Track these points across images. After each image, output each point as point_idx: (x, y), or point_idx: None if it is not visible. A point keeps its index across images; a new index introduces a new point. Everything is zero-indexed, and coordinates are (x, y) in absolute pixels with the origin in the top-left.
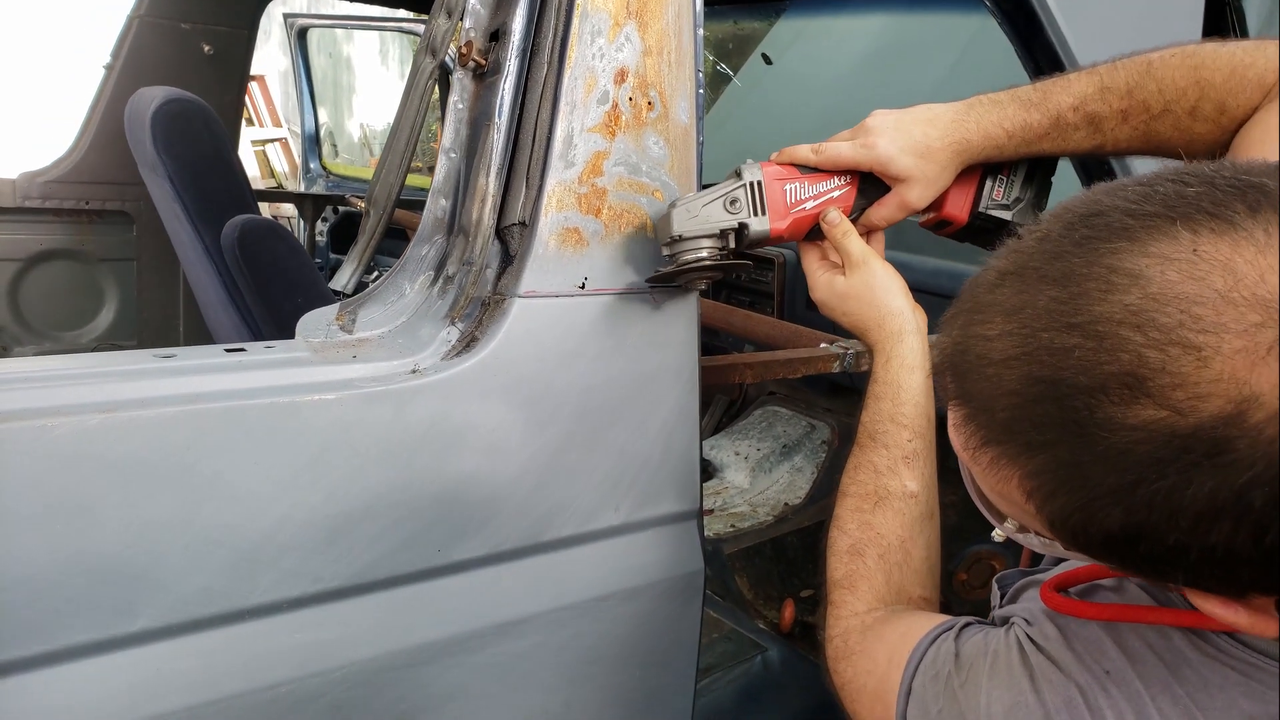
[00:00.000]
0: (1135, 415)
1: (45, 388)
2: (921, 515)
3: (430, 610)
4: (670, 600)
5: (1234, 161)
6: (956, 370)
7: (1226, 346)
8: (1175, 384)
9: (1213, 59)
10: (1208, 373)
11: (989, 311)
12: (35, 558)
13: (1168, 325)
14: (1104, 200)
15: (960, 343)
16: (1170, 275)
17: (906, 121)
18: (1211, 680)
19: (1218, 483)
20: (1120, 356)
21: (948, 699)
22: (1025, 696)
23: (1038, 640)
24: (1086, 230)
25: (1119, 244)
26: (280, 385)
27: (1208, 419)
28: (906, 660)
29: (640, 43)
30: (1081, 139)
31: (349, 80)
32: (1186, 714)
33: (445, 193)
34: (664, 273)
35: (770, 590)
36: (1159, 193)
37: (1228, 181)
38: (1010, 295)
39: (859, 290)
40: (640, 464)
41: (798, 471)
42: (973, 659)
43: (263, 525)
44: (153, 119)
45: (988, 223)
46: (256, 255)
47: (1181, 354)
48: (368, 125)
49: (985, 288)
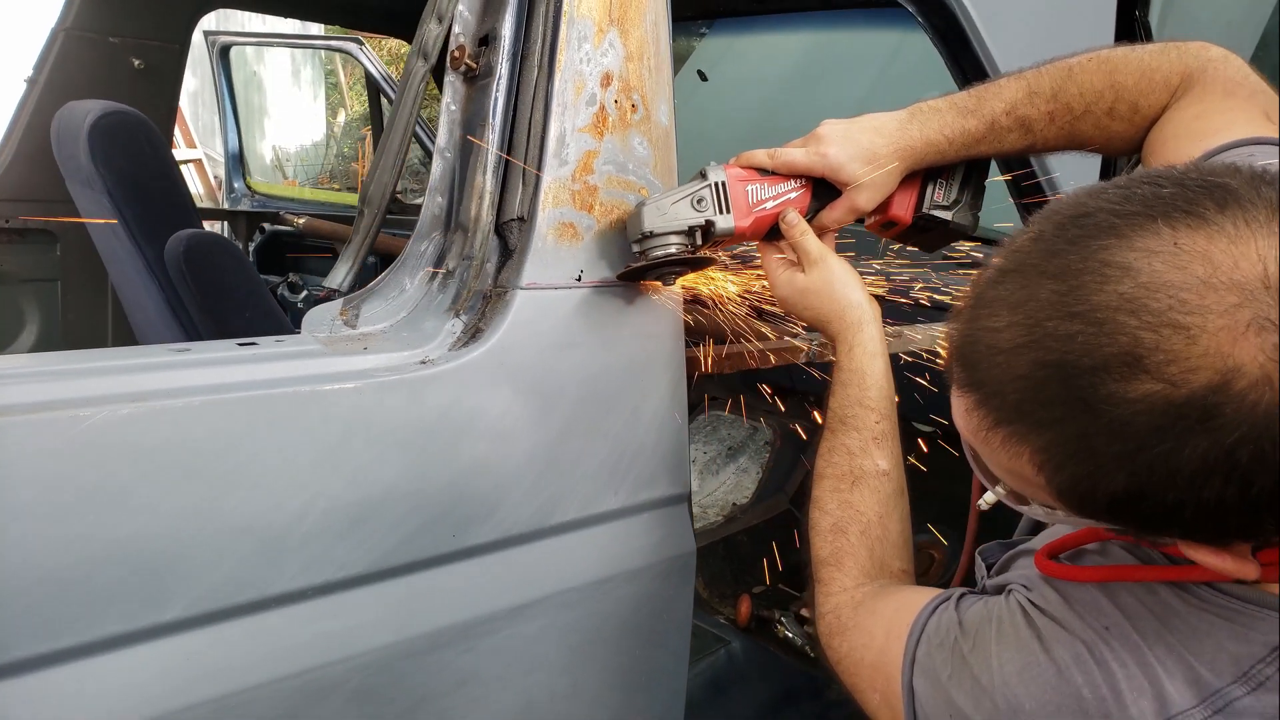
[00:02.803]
0: (1135, 389)
1: (75, 379)
2: (894, 491)
3: (446, 595)
4: (667, 581)
5: (1198, 164)
6: (966, 360)
7: (1211, 325)
8: (1169, 360)
9: (1124, 63)
10: (1196, 349)
11: (994, 305)
12: (70, 549)
13: (1159, 309)
14: (1089, 202)
15: (968, 335)
16: (1157, 266)
17: (855, 131)
18: (1199, 628)
19: (1210, 444)
20: (1119, 339)
21: (957, 664)
22: (1036, 656)
23: (1039, 604)
24: (1077, 230)
25: (1108, 240)
26: (300, 375)
27: (1199, 389)
28: (907, 632)
29: (623, 48)
30: (1015, 140)
31: (260, 101)
32: (1181, 660)
33: (441, 191)
34: (635, 268)
35: (724, 588)
36: (1138, 194)
37: (1196, 182)
38: (1013, 290)
39: (818, 285)
40: (636, 449)
41: (743, 472)
42: (978, 625)
43: (288, 512)
44: (89, 132)
45: (930, 223)
46: (202, 270)
47: (1172, 334)
48: (280, 147)
49: (988, 284)
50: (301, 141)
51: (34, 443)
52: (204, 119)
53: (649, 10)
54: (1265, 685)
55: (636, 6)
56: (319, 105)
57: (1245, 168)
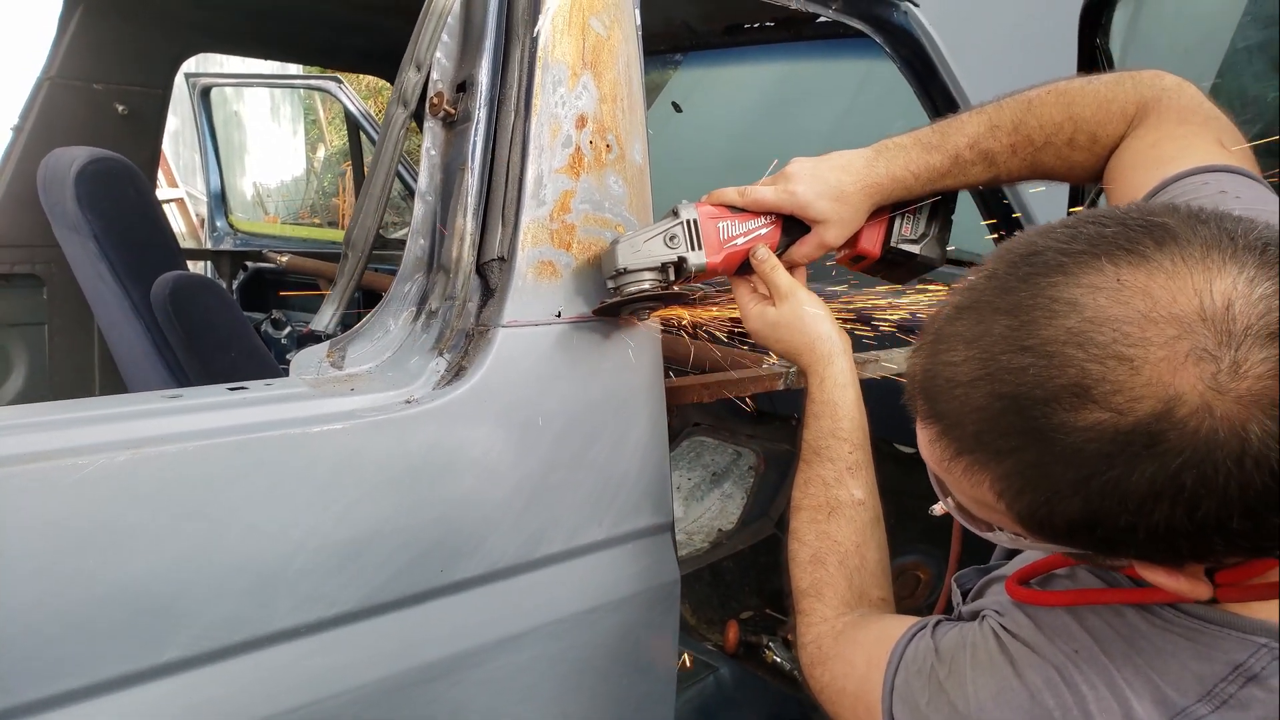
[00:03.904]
0: (1084, 418)
1: (70, 428)
2: (870, 520)
3: (435, 629)
4: (652, 609)
5: (1140, 204)
6: (927, 393)
7: (1152, 356)
8: (1114, 390)
9: (1081, 95)
10: (1139, 379)
11: (951, 341)
12: (70, 593)
13: (1103, 342)
14: (1039, 241)
15: (928, 369)
16: (1100, 301)
17: (823, 169)
18: (1164, 648)
19: (1156, 468)
20: (1068, 370)
21: (934, 691)
22: (1009, 681)
23: (1011, 629)
24: (1028, 268)
25: (1056, 278)
26: (289, 418)
27: (1144, 416)
28: (886, 661)
29: (597, 90)
30: (979, 173)
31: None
32: (1147, 681)
33: (423, 233)
34: (610, 304)
35: (711, 614)
36: (1083, 233)
37: (1137, 222)
38: (969, 326)
39: (789, 319)
40: (619, 481)
41: (728, 498)
42: (953, 652)
43: (280, 551)
44: (76, 178)
45: (898, 256)
46: (188, 311)
47: (1117, 365)
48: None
49: (945, 320)
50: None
51: (34, 491)
52: (185, 158)
53: (621, 53)
54: (1229, 703)
55: (609, 50)
56: (299, 141)
57: (1183, 207)
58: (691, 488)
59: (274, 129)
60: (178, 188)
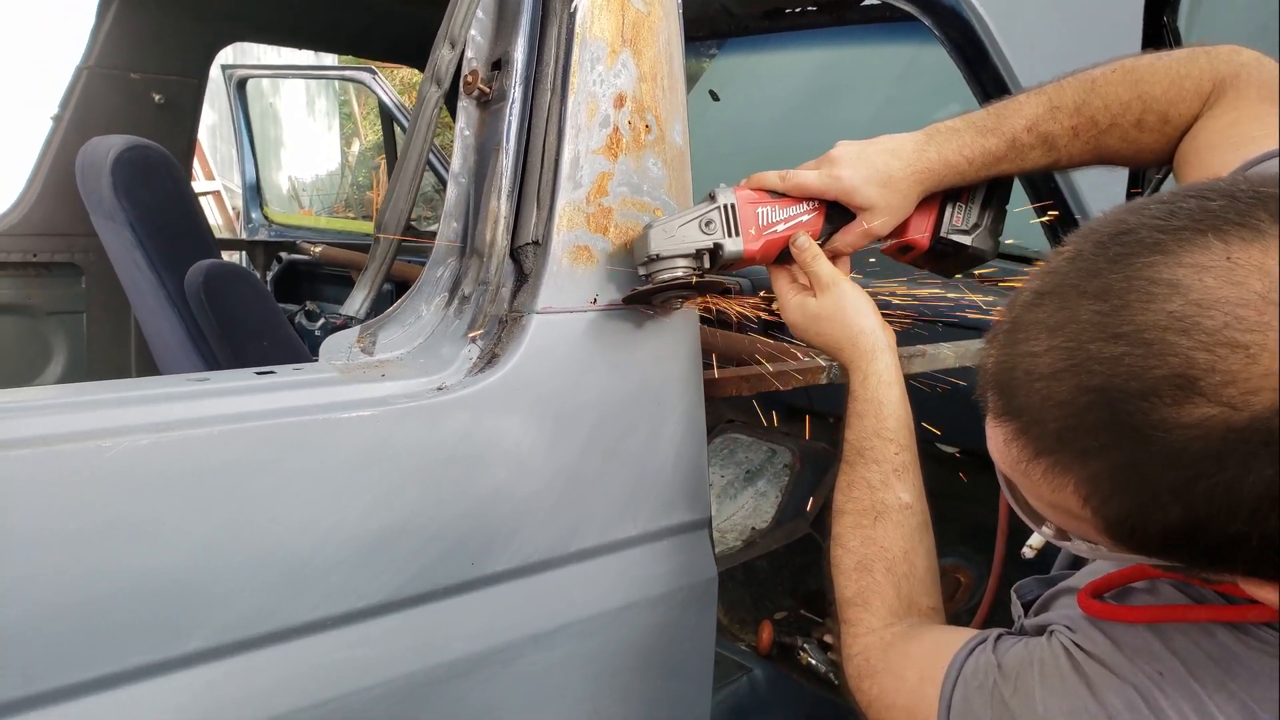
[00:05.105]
0: (1189, 414)
1: (95, 410)
2: (919, 525)
3: (465, 624)
4: (687, 608)
5: (1247, 176)
6: (1002, 388)
7: (1272, 342)
8: (1226, 381)
9: (1151, 72)
10: (1257, 369)
11: (1032, 329)
12: (95, 579)
13: (1213, 328)
14: (1129, 219)
15: (1004, 361)
16: (1209, 281)
17: (870, 153)
18: (1261, 673)
19: (1276, 471)
20: (1169, 360)
21: (998, 708)
22: (1084, 702)
23: (1085, 646)
24: (1119, 248)
25: (1153, 257)
26: (318, 404)
27: (1262, 412)
28: (943, 675)
29: (636, 69)
30: (1038, 158)
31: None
32: (1243, 708)
33: (456, 216)
34: (641, 291)
35: (744, 614)
36: (1184, 208)
37: (1247, 194)
38: (1051, 313)
39: (830, 311)
40: (654, 474)
41: (762, 496)
42: (1019, 669)
43: (308, 541)
44: (113, 166)
45: (948, 247)
46: (222, 299)
47: (1230, 353)
48: (295, 177)
49: (1024, 308)
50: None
51: (57, 474)
52: (222, 151)
53: (661, 30)
54: None
55: (649, 27)
56: (333, 135)
57: None
58: (724, 485)
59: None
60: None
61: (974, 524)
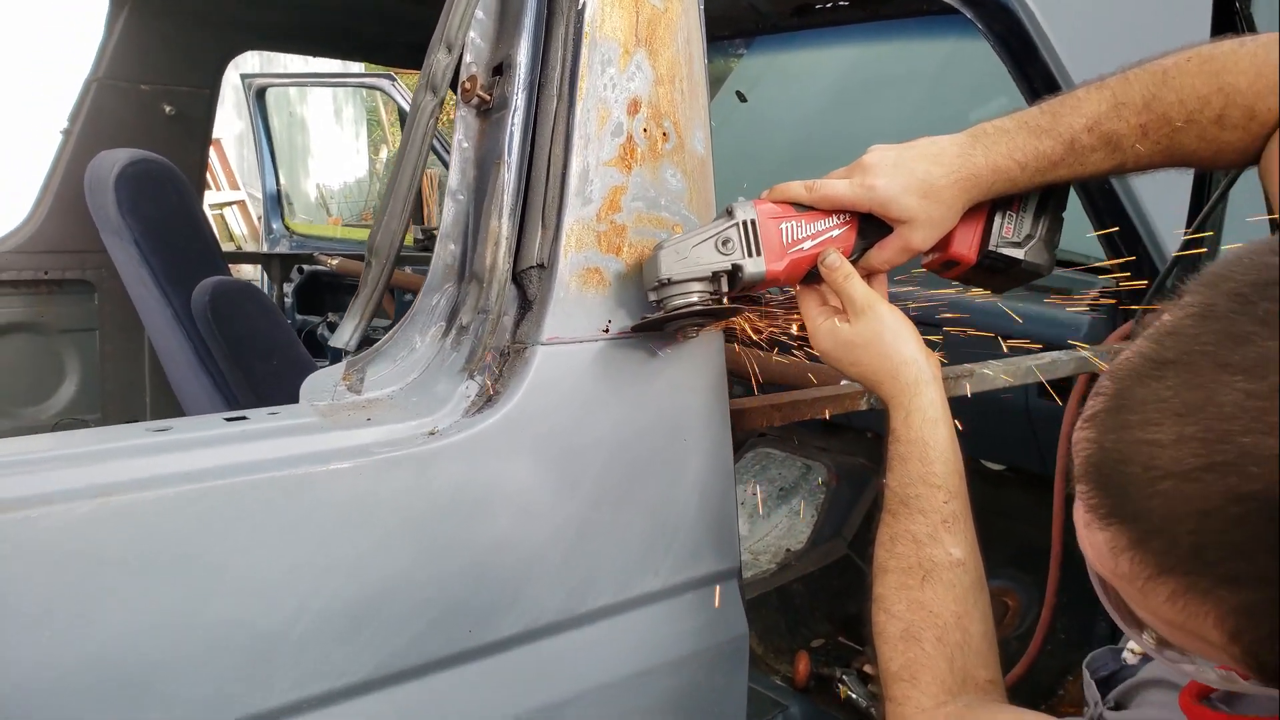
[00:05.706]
0: None
1: (29, 473)
2: (973, 584)
3: (463, 700)
4: (715, 670)
5: None
6: (1109, 484)
7: None
8: None
9: (1233, 61)
10: None
11: (1150, 410)
12: (26, 671)
13: None
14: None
15: (1113, 450)
16: None
17: (908, 158)
18: None
19: None
20: None
21: None
22: None
23: None
24: (1270, 304)
25: None
26: (289, 456)
27: None
28: None
29: (652, 71)
30: (1100, 160)
31: (304, 141)
32: None
33: (454, 237)
34: (650, 320)
35: (779, 642)
36: None
37: None
38: (1178, 389)
39: (866, 338)
40: (676, 520)
41: (796, 515)
42: None
43: (278, 617)
44: (116, 181)
45: (998, 262)
46: (229, 317)
47: None
48: (324, 185)
49: (1134, 379)
50: (345, 179)
51: None
52: (249, 160)
53: (680, 27)
54: None
55: (666, 24)
56: (361, 142)
57: None
58: (756, 504)
59: (337, 131)
60: (239, 190)
61: (1022, 544)
